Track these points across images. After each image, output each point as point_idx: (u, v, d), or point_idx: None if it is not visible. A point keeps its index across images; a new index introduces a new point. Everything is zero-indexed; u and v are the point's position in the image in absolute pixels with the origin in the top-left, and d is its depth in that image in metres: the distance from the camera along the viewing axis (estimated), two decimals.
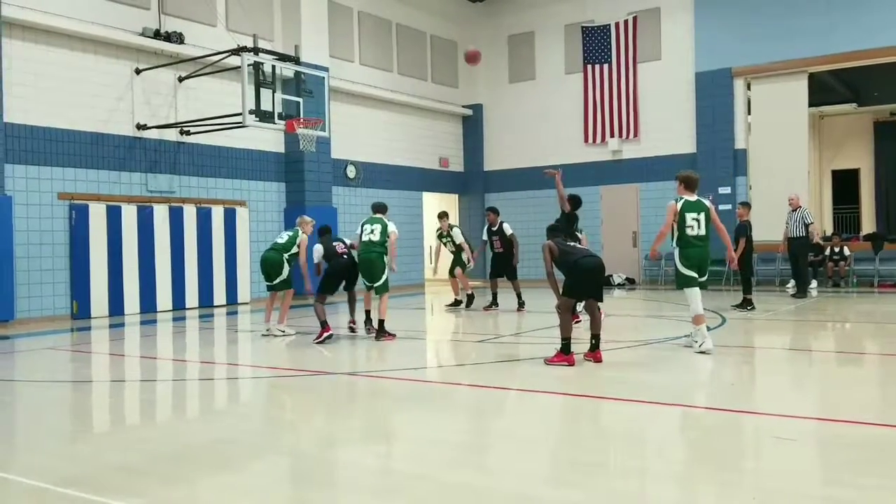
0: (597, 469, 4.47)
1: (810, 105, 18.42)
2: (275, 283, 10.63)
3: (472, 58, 12.37)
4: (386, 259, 9.81)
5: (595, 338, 7.72)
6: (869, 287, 16.61)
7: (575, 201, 11.13)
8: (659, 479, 4.33)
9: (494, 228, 13.46)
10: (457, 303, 13.89)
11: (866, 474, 4.19)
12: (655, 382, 6.98)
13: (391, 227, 9.93)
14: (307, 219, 11.08)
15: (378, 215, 10.11)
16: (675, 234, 8.56)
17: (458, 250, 13.74)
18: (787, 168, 17.52)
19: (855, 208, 24.32)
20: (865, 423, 5.22)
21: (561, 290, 7.72)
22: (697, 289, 8.43)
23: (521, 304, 13.08)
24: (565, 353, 7.55)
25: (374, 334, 9.93)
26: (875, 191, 24.02)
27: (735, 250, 11.12)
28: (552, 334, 10.15)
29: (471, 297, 13.84)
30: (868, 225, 23.38)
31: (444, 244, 13.92)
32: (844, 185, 24.41)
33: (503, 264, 13.32)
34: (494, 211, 13.75)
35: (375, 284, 9.80)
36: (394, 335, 9.85)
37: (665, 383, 6.89)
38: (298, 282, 10.85)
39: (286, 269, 10.58)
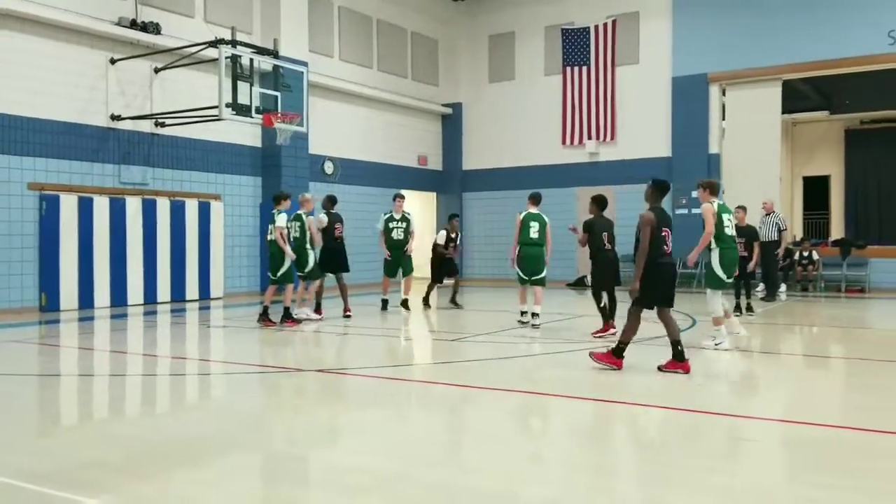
0: (570, 467, 4.50)
1: (783, 112, 18.67)
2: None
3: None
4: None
5: (677, 344, 7.13)
6: (836, 292, 16.87)
7: (600, 203, 10.04)
8: (626, 477, 4.37)
9: (454, 235, 13.91)
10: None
11: (826, 474, 4.26)
12: (625, 382, 7.04)
13: (279, 222, 10.59)
14: (308, 196, 11.28)
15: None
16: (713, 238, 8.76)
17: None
18: (760, 173, 17.74)
19: (825, 214, 24.70)
20: (828, 426, 5.31)
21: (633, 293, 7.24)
22: (720, 292, 8.82)
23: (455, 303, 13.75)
24: (617, 356, 7.25)
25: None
26: (845, 197, 24.42)
27: (751, 256, 11.61)
28: (521, 333, 10.21)
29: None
30: (837, 231, 23.75)
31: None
32: (815, 191, 24.79)
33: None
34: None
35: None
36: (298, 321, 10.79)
37: (634, 383, 6.95)
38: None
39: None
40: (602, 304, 9.82)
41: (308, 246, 11.20)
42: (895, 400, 6.38)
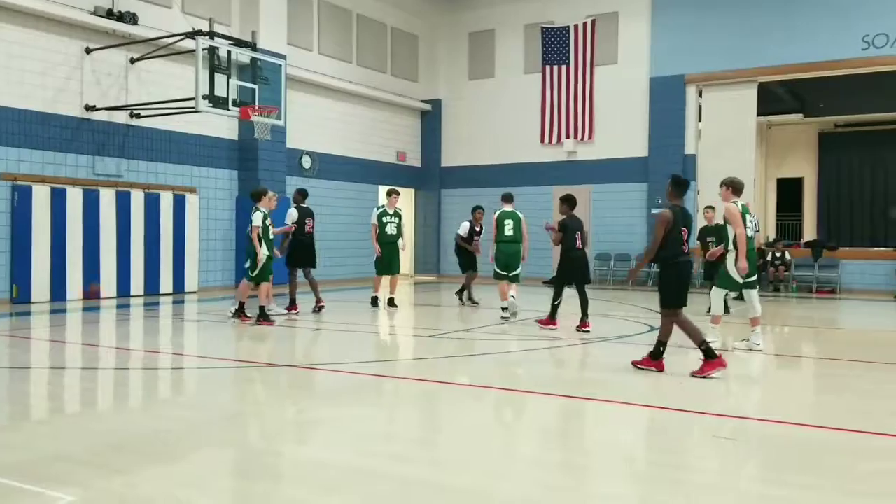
0: (541, 464, 4.54)
1: (759, 114, 18.87)
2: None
3: None
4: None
5: (702, 343, 7.01)
6: (808, 293, 17.11)
7: (571, 202, 10.59)
8: (599, 474, 4.41)
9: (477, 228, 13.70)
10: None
11: (799, 473, 4.33)
12: (599, 380, 7.10)
13: (255, 221, 10.37)
14: (271, 194, 11.05)
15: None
16: (731, 238, 8.38)
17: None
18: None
19: (798, 216, 25.01)
20: (802, 425, 5.39)
21: (661, 296, 7.15)
22: (755, 291, 8.69)
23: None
24: (655, 358, 7.18)
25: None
26: (817, 200, 24.74)
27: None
28: (498, 330, 10.26)
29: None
30: (809, 232, 24.07)
31: (386, 224, 12.74)
32: (788, 193, 25.09)
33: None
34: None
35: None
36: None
37: (610, 381, 7.01)
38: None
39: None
40: (557, 301, 10.09)
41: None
42: (868, 399, 6.48)
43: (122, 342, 9.78)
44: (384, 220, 12.78)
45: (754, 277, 8.64)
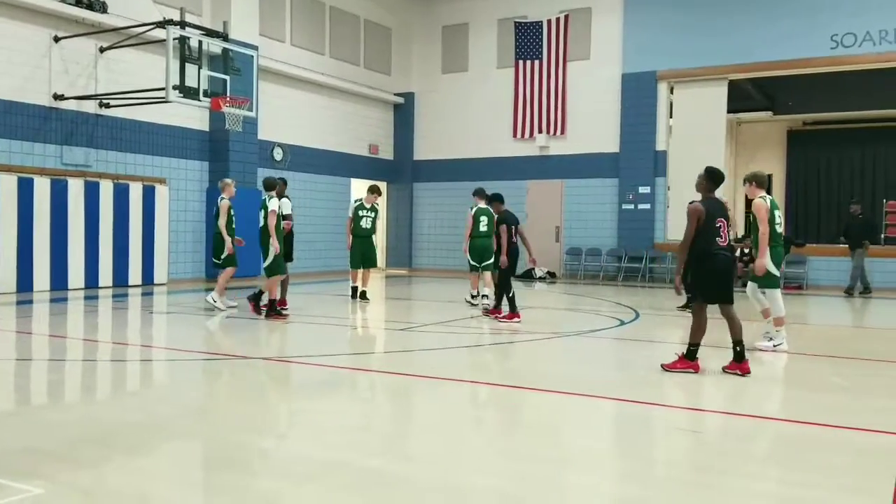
0: (509, 456, 4.58)
1: (729, 111, 19.10)
2: (221, 259, 10.59)
3: None
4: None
5: (738, 344, 6.87)
6: None
7: (500, 199, 11.27)
8: (567, 466, 4.46)
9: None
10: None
11: (782, 469, 4.41)
12: (569, 373, 7.16)
13: (271, 206, 10.16)
14: (228, 181, 11.02)
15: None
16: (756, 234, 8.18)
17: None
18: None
19: None
20: (768, 418, 5.50)
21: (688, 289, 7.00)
22: (779, 289, 8.44)
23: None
24: (690, 359, 6.91)
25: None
26: (786, 197, 25.10)
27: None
28: (467, 324, 10.31)
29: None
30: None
31: (362, 217, 12.76)
32: None
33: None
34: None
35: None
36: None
37: (579, 374, 7.08)
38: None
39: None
40: (511, 294, 10.49)
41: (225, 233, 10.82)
42: (844, 395, 6.61)
43: (90, 334, 9.67)
44: (360, 213, 12.79)
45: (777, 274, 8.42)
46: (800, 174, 24.93)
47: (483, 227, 11.61)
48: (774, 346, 8.35)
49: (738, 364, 6.85)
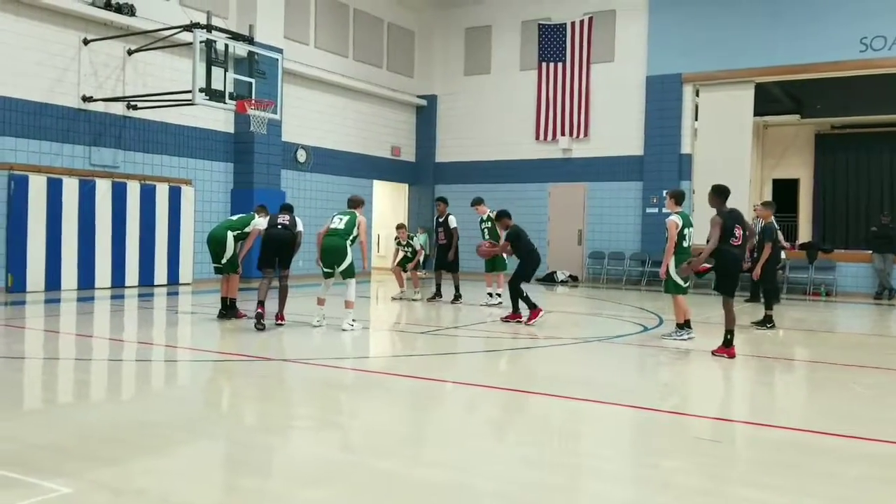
0: (527, 462, 4.58)
1: (755, 114, 18.92)
2: (223, 263, 10.33)
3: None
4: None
5: (729, 333, 8.10)
6: (802, 294, 17.15)
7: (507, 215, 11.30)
8: (584, 473, 4.46)
9: (441, 219, 13.56)
10: (402, 294, 13.85)
11: (781, 476, 4.38)
12: (590, 379, 7.15)
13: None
14: (266, 209, 10.79)
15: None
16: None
17: (414, 254, 13.82)
18: (730, 175, 17.89)
19: (793, 217, 25.05)
20: (790, 429, 5.45)
21: (715, 282, 8.21)
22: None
23: (456, 297, 13.30)
24: (726, 346, 8.09)
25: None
26: (813, 201, 24.80)
27: (758, 258, 11.08)
28: (490, 328, 10.31)
29: (425, 296, 13.69)
30: (805, 234, 24.13)
31: (400, 247, 13.94)
32: (784, 194, 25.11)
33: (443, 256, 13.43)
34: (444, 201, 13.85)
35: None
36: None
37: (599, 381, 7.06)
38: (246, 264, 10.73)
39: (231, 248, 10.26)
40: (525, 294, 10.64)
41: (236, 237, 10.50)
42: (860, 403, 6.54)
43: (116, 333, 9.80)
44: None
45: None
46: (828, 178, 24.60)
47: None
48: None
49: (727, 349, 8.08)
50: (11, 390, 6.48)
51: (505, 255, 12.12)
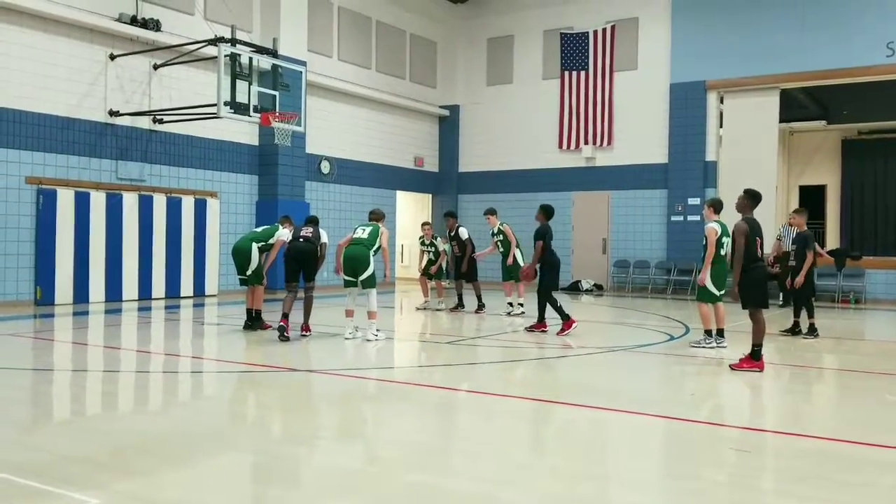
0: (555, 473, 4.54)
1: (781, 121, 18.72)
2: (248, 275, 10.37)
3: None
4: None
5: (757, 345, 7.74)
6: (830, 302, 16.91)
7: (546, 212, 11.11)
8: (613, 484, 4.41)
9: (452, 234, 13.60)
10: (426, 304, 13.91)
11: (814, 486, 4.30)
12: (617, 389, 7.08)
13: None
14: (291, 220, 10.83)
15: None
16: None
17: (437, 256, 13.68)
18: (756, 182, 17.48)
19: (820, 224, 24.74)
20: (821, 438, 5.35)
21: (742, 296, 7.76)
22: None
23: (480, 307, 13.32)
24: (755, 358, 7.72)
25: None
26: (841, 208, 24.48)
27: (799, 266, 10.75)
28: (515, 338, 10.27)
29: (451, 306, 13.71)
30: (833, 241, 23.81)
31: (425, 250, 13.77)
32: (811, 200, 24.81)
33: (460, 268, 13.49)
34: (452, 215, 13.93)
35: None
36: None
37: (627, 391, 6.99)
38: (273, 277, 10.77)
39: (256, 260, 10.31)
40: (558, 304, 10.51)
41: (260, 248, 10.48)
42: (892, 412, 6.42)
43: (143, 345, 9.88)
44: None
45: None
46: (855, 184, 24.28)
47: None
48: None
49: (756, 362, 7.69)
50: (42, 402, 6.55)
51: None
